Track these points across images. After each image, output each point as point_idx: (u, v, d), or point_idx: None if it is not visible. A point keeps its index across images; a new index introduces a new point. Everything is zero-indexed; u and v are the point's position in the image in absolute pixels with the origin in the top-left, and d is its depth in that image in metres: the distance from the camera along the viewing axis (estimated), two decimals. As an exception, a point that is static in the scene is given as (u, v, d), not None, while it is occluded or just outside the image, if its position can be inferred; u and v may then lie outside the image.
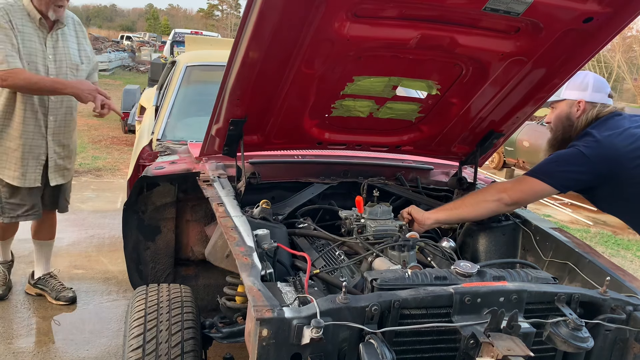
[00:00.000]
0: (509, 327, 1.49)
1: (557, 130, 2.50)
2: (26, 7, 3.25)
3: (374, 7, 1.89)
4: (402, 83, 2.36)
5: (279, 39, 1.91)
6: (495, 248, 2.46)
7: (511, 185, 2.40)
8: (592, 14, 1.96)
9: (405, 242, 2.07)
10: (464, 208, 2.40)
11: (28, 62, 3.19)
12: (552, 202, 8.23)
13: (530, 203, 2.58)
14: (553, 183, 2.27)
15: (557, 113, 2.50)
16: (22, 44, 3.19)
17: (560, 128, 2.48)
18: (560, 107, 2.50)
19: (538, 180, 2.29)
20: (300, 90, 2.22)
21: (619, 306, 1.73)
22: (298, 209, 2.55)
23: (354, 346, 1.50)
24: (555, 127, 2.51)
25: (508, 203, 2.36)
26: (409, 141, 2.76)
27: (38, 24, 3.27)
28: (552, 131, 2.54)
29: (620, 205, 2.38)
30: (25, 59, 3.18)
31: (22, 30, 3.20)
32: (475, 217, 2.44)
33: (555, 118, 2.50)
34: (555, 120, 2.50)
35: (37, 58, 3.24)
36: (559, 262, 2.24)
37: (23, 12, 3.24)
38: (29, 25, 3.24)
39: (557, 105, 2.51)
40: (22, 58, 3.17)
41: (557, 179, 2.27)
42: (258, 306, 1.46)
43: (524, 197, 2.36)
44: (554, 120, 2.52)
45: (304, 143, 2.65)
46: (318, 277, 1.98)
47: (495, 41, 2.11)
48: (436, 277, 1.71)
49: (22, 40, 3.19)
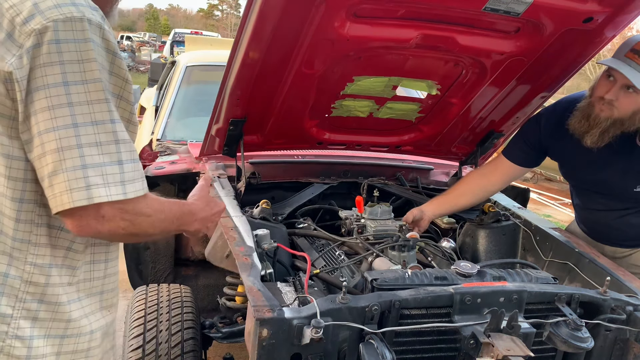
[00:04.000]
0: (509, 327, 1.49)
1: (626, 117, 2.07)
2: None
3: (374, 7, 1.88)
4: (402, 83, 2.36)
5: (279, 39, 1.91)
6: (496, 248, 2.45)
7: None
8: (592, 14, 1.96)
9: (405, 242, 2.06)
10: (455, 198, 2.45)
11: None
12: (552, 202, 8.23)
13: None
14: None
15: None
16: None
17: (635, 117, 2.07)
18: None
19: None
20: (300, 91, 2.22)
21: (619, 306, 1.72)
22: (298, 209, 2.55)
23: (354, 346, 1.50)
24: (630, 112, 2.06)
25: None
26: (409, 141, 2.76)
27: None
28: (616, 112, 2.06)
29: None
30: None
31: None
32: (466, 205, 2.48)
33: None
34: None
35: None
36: (559, 262, 2.23)
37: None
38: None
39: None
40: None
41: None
42: (258, 306, 1.46)
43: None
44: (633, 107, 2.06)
45: (304, 143, 2.65)
46: (318, 277, 1.98)
47: (495, 41, 2.11)
48: (436, 277, 1.71)
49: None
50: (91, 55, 1.00)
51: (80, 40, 1.00)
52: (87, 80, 1.00)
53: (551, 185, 9.49)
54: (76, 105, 0.99)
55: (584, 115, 2.13)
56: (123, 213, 1.03)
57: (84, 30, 1.00)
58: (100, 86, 1.01)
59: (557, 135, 2.27)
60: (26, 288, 1.07)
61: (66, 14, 0.99)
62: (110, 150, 1.01)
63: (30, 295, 1.07)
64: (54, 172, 0.98)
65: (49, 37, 0.97)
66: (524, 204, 2.95)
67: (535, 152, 2.38)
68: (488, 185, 2.45)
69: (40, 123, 0.98)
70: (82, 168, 0.98)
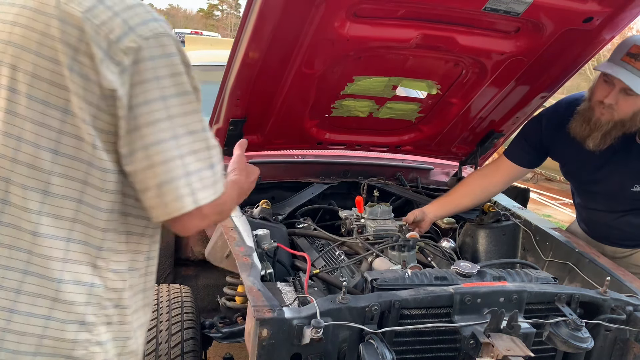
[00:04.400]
0: (509, 327, 1.49)
1: (627, 118, 2.08)
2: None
3: (374, 7, 1.88)
4: (402, 83, 2.36)
5: (279, 39, 1.91)
6: (496, 248, 2.45)
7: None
8: (592, 14, 1.96)
9: (405, 242, 2.06)
10: (457, 199, 2.44)
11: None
12: (552, 202, 8.23)
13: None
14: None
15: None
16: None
17: (636, 119, 2.09)
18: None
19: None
20: (300, 91, 2.22)
21: (619, 306, 1.72)
22: (298, 209, 2.55)
23: (354, 346, 1.50)
24: (630, 114, 2.07)
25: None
26: (409, 141, 2.76)
27: None
28: (615, 115, 2.07)
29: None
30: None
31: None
32: (468, 206, 2.48)
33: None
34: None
35: None
36: (559, 262, 2.23)
37: None
38: None
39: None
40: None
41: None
42: (258, 306, 1.46)
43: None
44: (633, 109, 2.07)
45: (304, 143, 2.65)
46: (318, 277, 1.98)
47: (495, 41, 2.11)
48: (436, 277, 1.71)
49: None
50: (179, 69, 1.06)
51: (168, 55, 1.05)
52: (179, 93, 1.06)
53: (551, 185, 9.49)
54: (175, 118, 1.05)
55: (584, 119, 2.13)
56: (216, 207, 1.12)
57: (169, 45, 1.05)
58: (192, 98, 1.08)
59: (559, 136, 2.27)
60: (107, 295, 1.10)
61: (153, 30, 1.03)
62: (205, 157, 1.09)
63: (110, 301, 1.11)
64: (163, 182, 1.04)
65: (144, 54, 1.02)
66: (524, 204, 2.95)
67: (536, 152, 2.38)
68: (490, 186, 2.45)
69: (145, 137, 1.03)
70: (186, 176, 1.05)
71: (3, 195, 1.04)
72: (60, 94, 1.02)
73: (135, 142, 1.03)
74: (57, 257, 1.04)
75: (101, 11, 1.02)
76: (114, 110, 1.02)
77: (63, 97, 1.02)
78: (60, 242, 1.05)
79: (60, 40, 1.01)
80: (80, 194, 1.05)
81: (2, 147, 1.04)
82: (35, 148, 1.03)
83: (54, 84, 1.02)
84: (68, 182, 1.04)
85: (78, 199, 1.05)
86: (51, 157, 1.03)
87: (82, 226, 1.06)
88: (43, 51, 1.02)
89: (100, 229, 1.08)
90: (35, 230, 1.03)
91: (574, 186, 2.48)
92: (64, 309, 1.05)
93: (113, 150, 1.06)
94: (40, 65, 1.02)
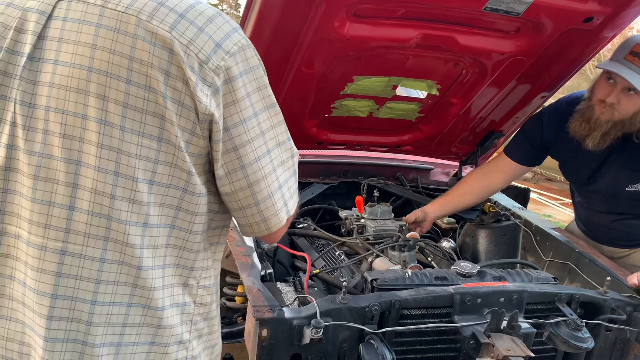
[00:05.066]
0: (510, 328, 1.49)
1: (627, 118, 2.07)
2: None
3: (374, 6, 1.88)
4: (402, 83, 2.36)
5: (279, 38, 1.91)
6: (496, 248, 2.45)
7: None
8: (592, 14, 1.95)
9: (406, 242, 2.06)
10: (457, 198, 2.45)
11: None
12: (552, 202, 8.23)
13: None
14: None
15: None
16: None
17: (636, 119, 2.08)
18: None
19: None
20: (300, 90, 2.22)
21: (620, 306, 1.72)
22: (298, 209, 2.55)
23: (354, 346, 1.50)
24: (630, 114, 2.06)
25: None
26: (409, 141, 2.76)
27: None
28: (617, 114, 2.06)
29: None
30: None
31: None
32: (468, 205, 2.48)
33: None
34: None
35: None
36: (559, 262, 2.23)
37: None
38: None
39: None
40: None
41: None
42: (258, 306, 1.46)
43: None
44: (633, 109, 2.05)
45: (304, 143, 2.65)
46: (318, 277, 1.97)
47: (496, 41, 2.11)
48: (436, 277, 1.71)
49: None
50: (264, 81, 1.04)
51: (254, 68, 1.02)
52: (267, 106, 1.04)
53: (551, 185, 9.49)
54: (266, 132, 1.03)
55: (584, 119, 2.12)
56: (292, 214, 1.12)
57: (253, 57, 1.02)
58: (278, 109, 1.07)
59: (559, 134, 2.27)
60: (197, 310, 1.09)
61: (237, 43, 0.99)
62: (290, 165, 1.08)
63: (200, 316, 1.10)
64: (263, 199, 1.03)
65: (234, 72, 0.98)
66: (524, 204, 2.95)
67: (536, 150, 2.38)
68: (490, 184, 2.44)
69: (242, 157, 1.00)
70: (279, 189, 1.05)
71: (105, 233, 0.97)
72: (155, 123, 0.95)
73: (233, 163, 1.00)
74: (158, 286, 1.02)
75: (186, 28, 0.95)
76: (208, 133, 0.98)
77: (158, 125, 0.95)
78: (159, 271, 1.02)
79: (150, 64, 0.93)
80: (173, 220, 1.02)
81: (99, 183, 0.96)
82: (133, 181, 0.96)
83: (148, 113, 0.95)
84: (163, 210, 1.00)
85: (171, 225, 1.02)
86: (147, 188, 0.98)
87: (175, 249, 1.03)
88: (134, 78, 0.94)
89: (192, 250, 1.06)
90: (139, 264, 0.99)
91: (573, 186, 2.48)
92: (166, 333, 1.04)
93: (204, 172, 1.02)
94: (132, 94, 0.94)
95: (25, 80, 0.97)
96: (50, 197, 0.97)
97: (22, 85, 0.97)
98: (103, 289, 0.99)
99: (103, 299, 0.99)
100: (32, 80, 0.97)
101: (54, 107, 0.95)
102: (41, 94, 0.96)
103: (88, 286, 0.98)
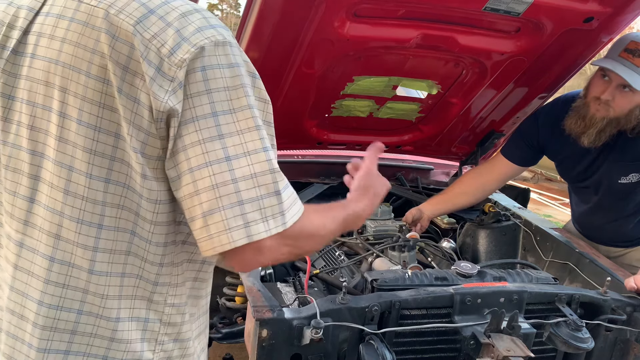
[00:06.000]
0: (510, 328, 1.49)
1: (622, 115, 2.08)
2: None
3: (374, 6, 1.88)
4: (402, 83, 2.36)
5: (279, 39, 1.91)
6: (496, 248, 2.45)
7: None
8: (592, 14, 1.95)
9: (406, 243, 2.06)
10: (453, 197, 2.45)
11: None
12: (552, 202, 8.23)
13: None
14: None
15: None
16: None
17: (631, 116, 2.09)
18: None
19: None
20: (300, 90, 2.22)
21: (620, 307, 1.72)
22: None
23: (354, 347, 1.50)
24: (626, 111, 2.07)
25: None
26: (409, 141, 2.76)
27: None
28: (612, 111, 2.07)
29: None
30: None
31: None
32: (464, 204, 2.48)
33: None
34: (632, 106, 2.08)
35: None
36: (559, 262, 2.23)
37: None
38: None
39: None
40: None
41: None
42: (258, 307, 1.46)
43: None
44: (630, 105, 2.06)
45: (304, 143, 2.65)
46: (318, 277, 1.97)
47: (496, 41, 2.10)
48: (436, 277, 1.71)
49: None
50: (238, 82, 0.92)
51: (228, 66, 0.91)
52: (235, 109, 0.91)
53: (551, 185, 9.49)
54: (227, 137, 0.90)
55: (579, 116, 2.12)
56: (284, 240, 0.94)
57: (229, 55, 0.92)
58: (249, 113, 0.92)
59: (554, 134, 2.27)
60: (165, 330, 1.02)
61: (209, 37, 0.90)
62: (266, 181, 0.91)
63: (168, 336, 1.02)
64: (210, 211, 0.89)
65: (196, 64, 0.89)
66: (524, 204, 2.95)
67: (532, 150, 2.38)
68: (485, 184, 2.44)
69: (191, 159, 0.89)
70: (239, 204, 0.89)
71: (57, 230, 0.94)
72: (112, 118, 0.91)
73: (181, 165, 0.90)
74: (113, 295, 0.95)
75: (153, 23, 0.90)
76: (166, 133, 0.90)
77: (115, 120, 0.91)
78: (116, 279, 0.95)
79: (109, 58, 0.90)
80: (133, 226, 0.94)
81: (55, 177, 0.93)
82: (87, 178, 0.92)
83: (105, 107, 0.90)
84: (122, 213, 0.93)
85: (132, 231, 0.95)
86: (103, 186, 0.92)
87: (136, 259, 0.96)
88: (93, 71, 0.90)
89: (155, 263, 0.97)
90: (90, 268, 0.94)
91: (569, 185, 2.48)
92: (121, 347, 0.97)
93: (162, 177, 0.93)
94: (90, 87, 0.91)
95: (7, 74, 0.98)
96: (15, 188, 0.97)
97: (3, 77, 0.98)
98: (51, 290, 0.94)
99: (50, 301, 0.94)
100: (14, 74, 0.98)
101: (27, 99, 0.96)
102: (19, 87, 0.97)
103: (37, 284, 0.95)
